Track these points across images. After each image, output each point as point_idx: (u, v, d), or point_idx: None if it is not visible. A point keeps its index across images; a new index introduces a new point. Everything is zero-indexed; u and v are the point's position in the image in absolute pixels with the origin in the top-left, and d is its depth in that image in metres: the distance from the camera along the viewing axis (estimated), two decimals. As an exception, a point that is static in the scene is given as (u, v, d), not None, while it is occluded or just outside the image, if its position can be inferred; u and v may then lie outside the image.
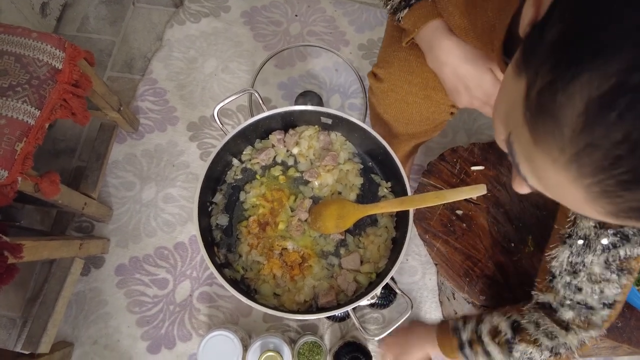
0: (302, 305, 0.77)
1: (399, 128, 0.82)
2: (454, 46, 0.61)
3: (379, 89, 0.78)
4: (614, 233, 0.53)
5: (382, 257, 0.80)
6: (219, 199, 0.83)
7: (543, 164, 0.27)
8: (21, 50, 0.84)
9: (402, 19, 0.65)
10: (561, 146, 0.25)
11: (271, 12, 1.47)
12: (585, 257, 0.56)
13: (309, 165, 0.87)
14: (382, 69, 0.76)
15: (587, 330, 0.59)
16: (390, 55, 0.75)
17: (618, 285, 0.56)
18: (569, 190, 0.27)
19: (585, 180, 0.25)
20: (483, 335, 0.68)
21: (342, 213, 0.78)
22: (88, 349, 1.12)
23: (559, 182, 0.27)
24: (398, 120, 0.80)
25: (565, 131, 0.25)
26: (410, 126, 0.80)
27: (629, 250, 0.53)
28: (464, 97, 0.64)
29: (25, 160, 0.82)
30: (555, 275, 0.60)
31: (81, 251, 1.04)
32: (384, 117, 0.82)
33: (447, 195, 0.70)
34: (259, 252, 0.79)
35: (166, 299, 1.16)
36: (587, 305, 0.58)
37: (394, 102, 0.77)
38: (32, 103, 0.82)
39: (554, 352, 0.62)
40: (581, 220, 0.56)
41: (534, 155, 0.28)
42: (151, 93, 1.35)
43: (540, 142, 0.27)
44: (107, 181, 1.25)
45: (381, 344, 1.00)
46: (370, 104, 0.85)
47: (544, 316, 0.63)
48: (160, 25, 1.44)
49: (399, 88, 0.74)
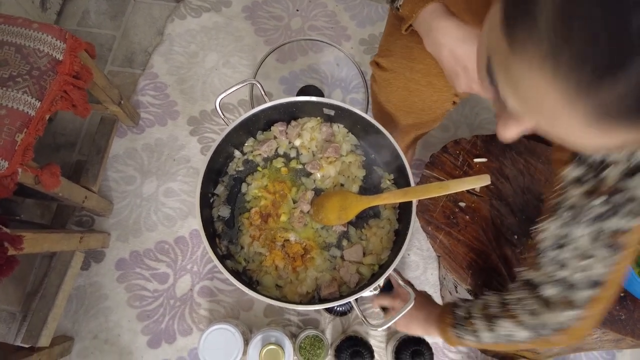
0: (304, 296, 0.76)
1: (401, 118, 0.82)
2: (452, 27, 0.60)
3: (381, 77, 0.77)
4: (603, 202, 0.48)
5: (384, 249, 0.80)
6: (220, 191, 0.83)
7: (521, 72, 0.28)
8: (22, 40, 0.84)
9: (400, 6, 0.65)
10: (537, 43, 0.26)
11: (272, 7, 1.47)
12: (572, 230, 0.52)
13: (311, 157, 0.86)
14: (384, 58, 0.75)
15: (567, 309, 0.55)
16: (392, 43, 0.74)
17: (607, 263, 0.51)
18: (548, 95, 0.27)
19: (562, 77, 0.25)
20: (474, 311, 0.66)
21: (345, 204, 0.78)
22: (88, 344, 1.11)
23: (537, 88, 0.27)
24: (400, 109, 0.80)
25: (541, 24, 0.25)
26: (412, 115, 0.80)
27: (619, 222, 0.48)
28: (463, 80, 0.63)
29: (26, 151, 0.82)
30: (541, 250, 0.57)
31: (82, 244, 1.03)
32: (385, 107, 0.81)
33: (451, 186, 0.69)
34: (261, 244, 0.79)
35: (166, 294, 1.16)
36: (570, 283, 0.54)
37: (396, 90, 0.77)
38: (32, 94, 0.82)
39: (535, 332, 0.59)
40: (569, 190, 0.52)
41: (512, 65, 0.28)
42: (152, 87, 1.34)
43: (517, 47, 0.27)
44: (107, 175, 1.24)
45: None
46: (373, 94, 0.85)
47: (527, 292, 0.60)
48: (161, 19, 1.44)
49: (401, 75, 0.74)
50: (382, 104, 0.82)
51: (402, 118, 0.82)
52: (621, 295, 0.76)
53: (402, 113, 0.80)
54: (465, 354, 1.16)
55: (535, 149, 0.85)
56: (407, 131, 0.86)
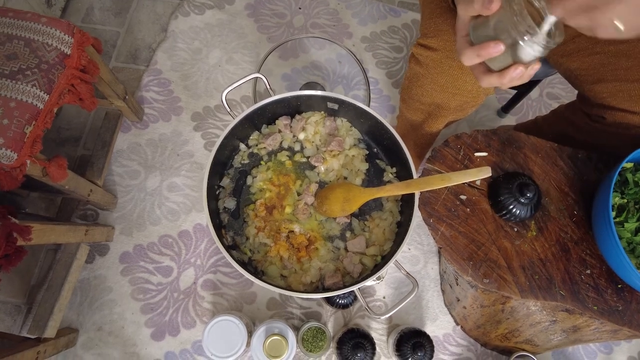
0: (308, 286, 0.78)
1: (444, 99, 0.82)
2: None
3: (430, 59, 0.78)
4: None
5: (387, 240, 0.81)
6: (226, 183, 0.84)
7: None
8: (31, 34, 0.85)
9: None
10: None
11: (275, 5, 1.48)
12: None
13: (315, 151, 0.88)
14: (434, 38, 0.76)
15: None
16: (441, 23, 0.74)
17: None
18: None
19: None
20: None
21: (348, 196, 0.79)
22: (93, 335, 1.13)
23: None
24: (446, 90, 0.80)
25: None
26: (457, 97, 0.80)
27: None
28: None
29: (34, 143, 0.83)
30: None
31: (87, 237, 1.05)
32: (428, 89, 0.82)
33: (453, 178, 0.71)
34: (266, 235, 0.80)
35: (170, 287, 1.17)
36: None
37: (447, 69, 0.77)
38: (41, 87, 0.83)
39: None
40: None
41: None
42: (155, 83, 1.36)
43: None
44: (111, 170, 1.26)
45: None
46: (411, 79, 0.85)
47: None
48: (164, 16, 1.45)
49: (454, 53, 0.74)
50: (425, 86, 0.82)
51: (445, 99, 0.82)
52: (619, 286, 0.78)
53: (449, 95, 0.81)
54: (466, 347, 1.17)
55: (535, 144, 0.87)
56: (444, 115, 0.87)
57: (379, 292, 1.18)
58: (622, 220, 0.74)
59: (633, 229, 0.72)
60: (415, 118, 0.97)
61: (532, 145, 0.88)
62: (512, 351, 1.14)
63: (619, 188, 0.76)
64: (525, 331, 0.99)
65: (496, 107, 1.41)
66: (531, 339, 1.03)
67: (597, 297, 0.77)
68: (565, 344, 1.02)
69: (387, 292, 1.18)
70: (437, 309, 1.19)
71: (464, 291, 0.99)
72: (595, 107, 0.81)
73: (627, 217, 0.73)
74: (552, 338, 0.98)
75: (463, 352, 1.17)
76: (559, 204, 0.83)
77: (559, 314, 0.83)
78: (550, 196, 0.84)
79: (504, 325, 1.00)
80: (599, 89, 0.76)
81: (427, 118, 0.80)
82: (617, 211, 0.75)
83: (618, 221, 0.74)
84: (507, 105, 1.37)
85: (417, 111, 0.94)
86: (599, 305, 0.77)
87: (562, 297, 0.77)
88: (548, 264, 0.79)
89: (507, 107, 1.37)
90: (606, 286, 0.78)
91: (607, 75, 0.74)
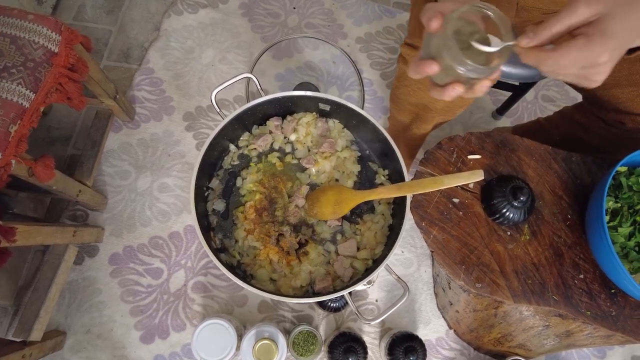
0: (298, 290, 0.76)
1: (430, 99, 0.82)
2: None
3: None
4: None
5: (378, 244, 0.80)
6: (215, 185, 0.83)
7: None
8: (17, 31, 0.83)
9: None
10: None
11: (269, 4, 1.47)
12: None
13: (306, 152, 0.86)
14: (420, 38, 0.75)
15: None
16: None
17: None
18: None
19: None
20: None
21: (340, 199, 0.78)
22: (81, 338, 1.11)
23: None
24: None
25: None
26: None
27: None
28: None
29: (20, 143, 0.81)
30: None
31: (75, 238, 1.03)
32: (414, 89, 0.81)
33: (445, 181, 0.70)
34: (255, 238, 0.79)
35: (160, 289, 1.16)
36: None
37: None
38: (27, 85, 0.81)
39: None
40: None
41: None
42: (147, 82, 1.34)
43: None
44: (102, 170, 1.24)
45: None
46: (399, 79, 0.85)
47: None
48: (157, 15, 1.43)
49: None
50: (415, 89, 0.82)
51: (435, 100, 0.82)
52: (612, 291, 0.77)
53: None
54: (459, 351, 1.16)
55: (529, 147, 0.86)
56: (431, 117, 0.87)
57: (371, 296, 1.17)
58: (615, 224, 0.73)
59: (627, 233, 0.72)
60: (403, 119, 0.96)
61: (526, 148, 0.87)
62: (505, 355, 1.13)
63: (613, 192, 0.75)
64: (519, 336, 0.98)
65: (491, 109, 1.41)
66: (524, 343, 1.02)
67: (591, 302, 0.76)
68: (558, 349, 1.01)
69: (380, 295, 1.17)
70: (430, 313, 1.18)
71: (456, 295, 0.97)
72: (612, 112, 0.80)
73: (621, 222, 0.73)
74: (545, 343, 0.97)
75: (456, 356, 1.16)
76: (553, 208, 0.82)
77: (552, 318, 0.82)
78: (544, 200, 0.83)
79: (497, 330, 0.99)
80: (615, 93, 0.76)
81: (414, 119, 0.79)
82: (611, 215, 0.74)
83: (612, 225, 0.73)
84: (502, 108, 1.36)
85: (405, 112, 0.93)
86: (592, 310, 0.76)
87: (555, 302, 0.76)
88: (541, 269, 0.78)
89: (502, 109, 1.36)
90: (599, 291, 0.77)
91: (622, 80, 0.73)
